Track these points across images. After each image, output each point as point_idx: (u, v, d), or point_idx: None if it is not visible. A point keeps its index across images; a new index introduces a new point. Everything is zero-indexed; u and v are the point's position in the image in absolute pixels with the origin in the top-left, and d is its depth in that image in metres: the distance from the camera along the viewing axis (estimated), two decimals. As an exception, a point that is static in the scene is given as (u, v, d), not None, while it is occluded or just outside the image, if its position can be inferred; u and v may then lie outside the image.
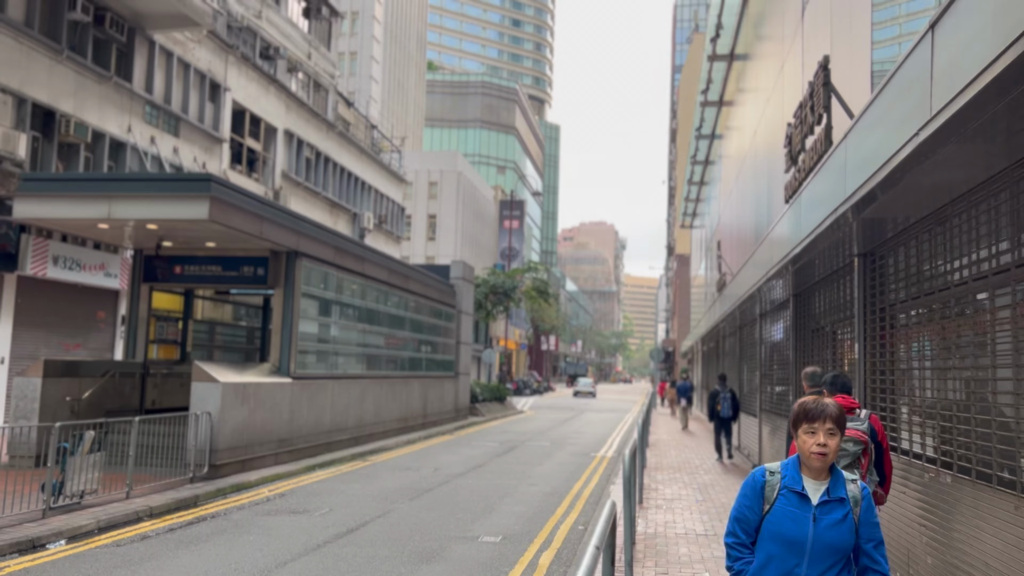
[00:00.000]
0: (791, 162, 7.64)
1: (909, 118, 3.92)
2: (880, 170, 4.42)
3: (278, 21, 27.86)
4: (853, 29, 7.02)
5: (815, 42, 8.97)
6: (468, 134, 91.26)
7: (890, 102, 4.24)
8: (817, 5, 9.20)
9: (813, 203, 6.53)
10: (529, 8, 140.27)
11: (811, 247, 6.91)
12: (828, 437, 2.81)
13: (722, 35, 19.51)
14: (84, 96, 18.06)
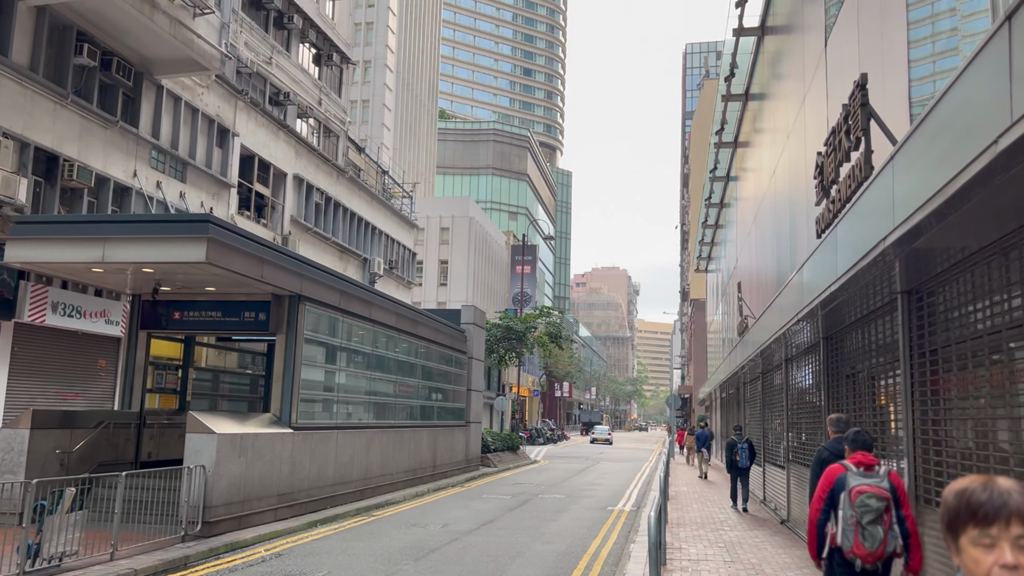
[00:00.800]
0: (823, 193, 7.07)
1: (980, 126, 3.35)
2: (941, 192, 3.83)
3: (288, 67, 27.83)
4: (886, 51, 6.51)
5: (841, 69, 8.47)
6: (480, 181, 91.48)
7: (955, 109, 3.66)
8: (843, 30, 8.72)
9: (851, 236, 5.94)
10: (540, 58, 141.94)
11: (849, 284, 6.29)
12: (1019, 552, 1.54)
13: (736, 74, 19.15)
14: (89, 141, 17.82)
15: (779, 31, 16.03)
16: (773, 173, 15.55)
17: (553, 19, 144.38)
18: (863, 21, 7.61)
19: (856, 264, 5.70)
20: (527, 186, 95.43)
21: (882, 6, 6.93)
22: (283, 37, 27.83)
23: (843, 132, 6.04)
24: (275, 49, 26.88)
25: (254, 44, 25.65)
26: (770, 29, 17.04)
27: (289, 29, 27.88)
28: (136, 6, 16.90)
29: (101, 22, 17.39)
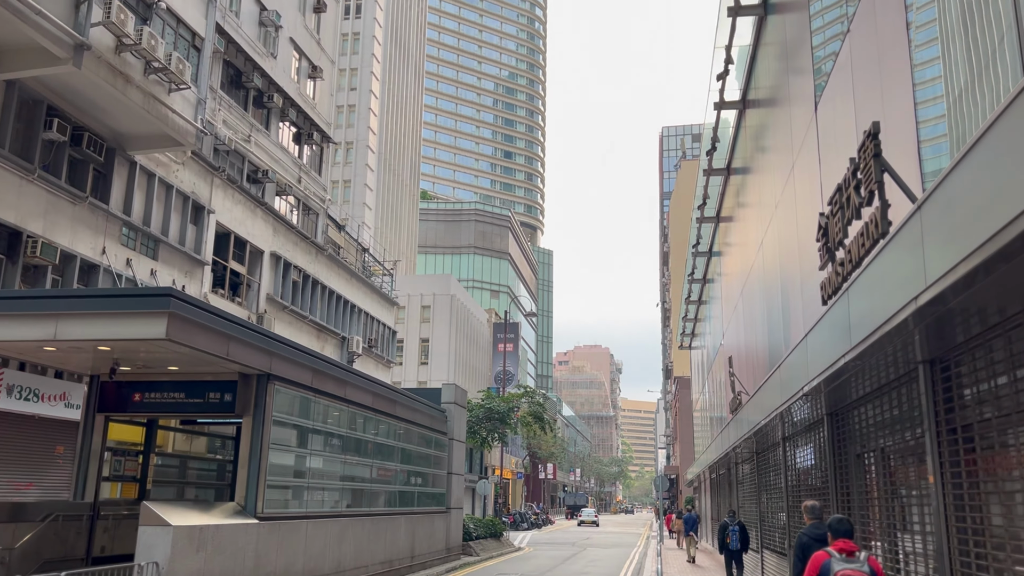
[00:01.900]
0: (828, 257, 6.55)
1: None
2: (995, 238, 3.28)
3: (268, 145, 27.62)
4: (888, 109, 6.11)
5: (835, 131, 8.10)
6: (462, 259, 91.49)
7: (1012, 138, 3.15)
8: (835, 91, 8.39)
9: (867, 300, 5.39)
10: (520, 141, 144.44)
11: (866, 355, 5.70)
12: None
13: (718, 148, 19.02)
14: (55, 217, 17.22)
15: (762, 104, 15.91)
16: (760, 246, 15.17)
17: (532, 104, 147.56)
18: (859, 79, 7.27)
19: (876, 331, 5.13)
20: (509, 265, 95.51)
21: (880, 60, 6.57)
22: (263, 115, 27.71)
23: (852, 188, 5.56)
24: (254, 127, 26.70)
25: (233, 122, 25.45)
26: (752, 103, 16.95)
27: (269, 108, 27.79)
28: (109, 81, 16.57)
29: (73, 97, 17.03)
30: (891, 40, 6.19)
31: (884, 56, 6.43)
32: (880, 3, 6.62)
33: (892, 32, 6.21)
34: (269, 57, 27.36)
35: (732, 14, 13.70)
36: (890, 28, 6.23)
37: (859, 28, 7.51)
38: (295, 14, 29.50)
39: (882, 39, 6.53)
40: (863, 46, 7.20)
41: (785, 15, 12.81)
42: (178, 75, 17.98)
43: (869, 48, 7.00)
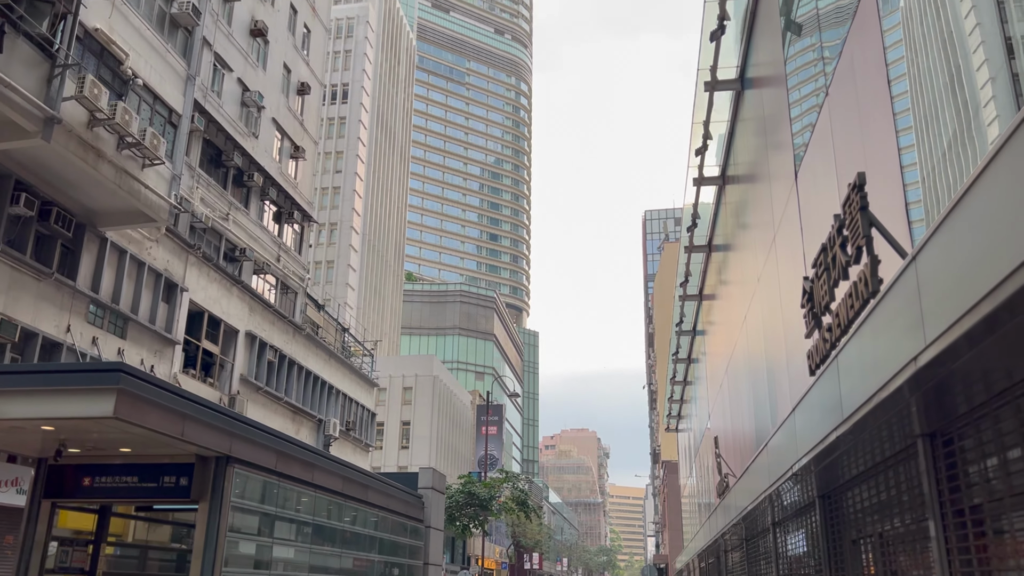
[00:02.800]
0: (814, 323, 6.12)
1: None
2: (1002, 287, 2.86)
3: (247, 223, 27.34)
4: (870, 156, 5.79)
5: (818, 193, 7.80)
6: (447, 341, 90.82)
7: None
8: (815, 155, 8.13)
9: (859, 366, 4.92)
10: (506, 223, 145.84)
11: (859, 428, 5.20)
12: None
13: (699, 224, 18.86)
14: (17, 294, 16.67)
15: (741, 180, 15.79)
16: (744, 321, 14.80)
17: (517, 188, 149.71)
18: (839, 139, 6.99)
19: (869, 400, 4.65)
20: (494, 346, 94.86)
21: (861, 118, 6.30)
22: (242, 194, 27.52)
23: (837, 246, 5.16)
24: (233, 205, 26.45)
25: (211, 200, 25.20)
26: (731, 178, 16.85)
27: (249, 186, 27.63)
28: (80, 155, 16.30)
29: (43, 171, 16.71)
30: (871, 97, 5.92)
31: (864, 113, 6.16)
32: (859, 62, 6.39)
33: (872, 89, 5.94)
34: (250, 137, 27.36)
35: (709, 89, 13.66)
36: (870, 85, 5.97)
37: (837, 90, 7.29)
38: (278, 95, 29.69)
39: (861, 97, 6.27)
40: (842, 107, 6.95)
41: (762, 90, 12.76)
42: (152, 150, 17.76)
43: (848, 109, 6.75)
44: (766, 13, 11.86)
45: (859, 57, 6.36)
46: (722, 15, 11.89)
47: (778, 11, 11.09)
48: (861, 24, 6.35)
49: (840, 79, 7.13)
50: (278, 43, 29.63)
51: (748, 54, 13.22)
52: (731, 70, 13.79)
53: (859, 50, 6.34)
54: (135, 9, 18.21)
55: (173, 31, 19.92)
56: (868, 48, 6.03)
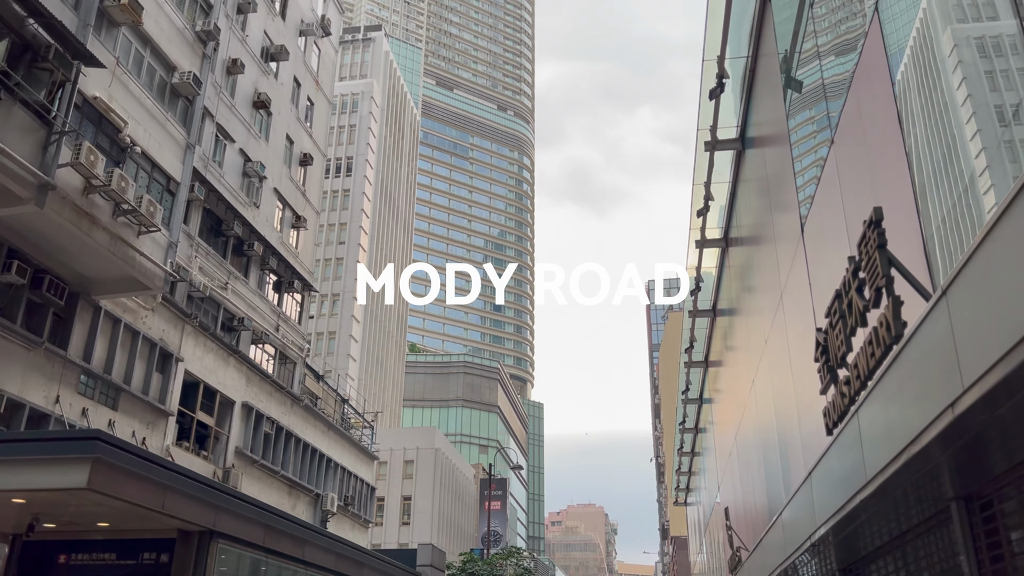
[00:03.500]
0: (830, 378, 5.67)
1: None
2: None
3: (245, 293, 27.06)
4: (882, 194, 5.45)
5: (826, 243, 7.44)
6: (450, 413, 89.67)
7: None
8: (822, 205, 7.81)
9: (884, 420, 4.47)
10: (509, 294, 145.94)
11: (884, 492, 4.71)
12: None
13: (702, 287, 18.50)
14: (6, 363, 16.25)
15: (745, 242, 15.51)
16: (752, 386, 14.29)
17: (521, 259, 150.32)
18: (847, 184, 6.66)
19: (897, 458, 4.18)
20: (498, 418, 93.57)
21: (870, 159, 5.97)
22: (242, 263, 27.32)
23: (853, 290, 4.77)
24: (232, 275, 26.22)
25: (210, 269, 24.98)
26: (735, 240, 16.58)
27: (249, 256, 27.45)
28: (74, 222, 16.11)
29: (36, 238, 16.50)
30: (881, 135, 5.61)
31: (874, 154, 5.84)
32: (866, 102, 6.11)
33: (882, 127, 5.63)
34: (251, 206, 27.33)
35: (709, 149, 13.48)
36: (879, 123, 5.66)
37: (843, 136, 7.00)
38: (280, 165, 29.81)
39: (870, 137, 5.97)
40: (849, 152, 6.65)
41: (764, 149, 12.57)
42: (148, 217, 17.58)
43: (856, 153, 6.45)
44: (765, 71, 11.74)
45: (866, 97, 6.08)
46: (721, 73, 11.78)
47: (778, 68, 10.94)
48: (867, 63, 6.09)
49: (846, 123, 6.85)
50: (281, 115, 29.89)
51: (748, 113, 13.08)
52: (731, 130, 13.64)
53: (866, 90, 6.07)
54: (136, 79, 18.31)
55: (174, 100, 20.01)
56: (876, 86, 5.76)
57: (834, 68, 7.94)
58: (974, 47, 4.38)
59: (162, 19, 19.41)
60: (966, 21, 4.62)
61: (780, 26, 10.66)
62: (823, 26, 8.66)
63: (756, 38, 11.49)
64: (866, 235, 4.46)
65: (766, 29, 11.11)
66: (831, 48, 8.22)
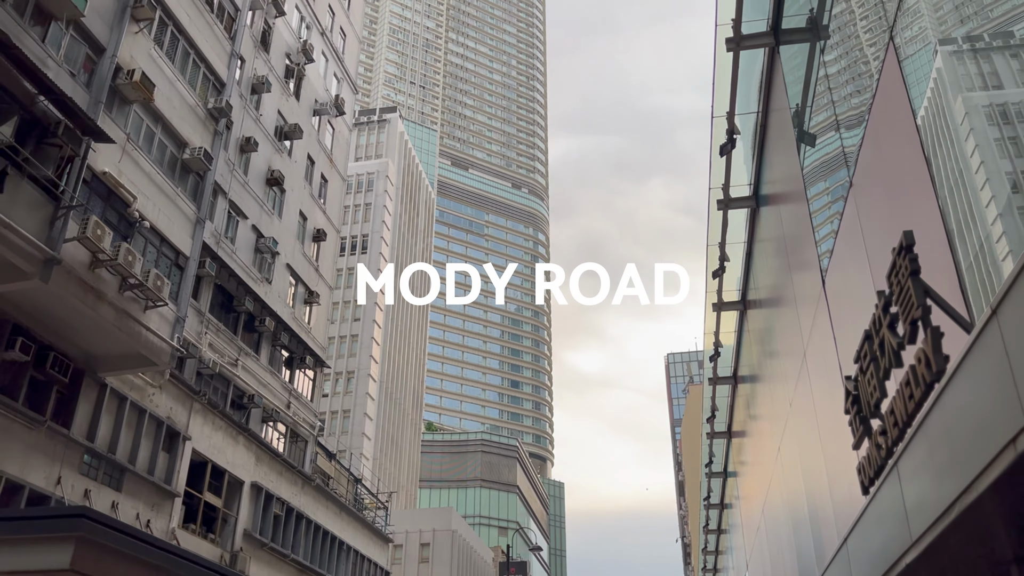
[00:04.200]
0: (863, 430, 5.14)
1: None
2: None
3: (256, 369, 26.69)
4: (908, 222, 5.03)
5: (850, 289, 6.98)
6: (468, 494, 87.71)
7: None
8: (843, 253, 7.38)
9: (929, 470, 3.93)
10: (527, 370, 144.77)
11: (933, 551, 4.14)
12: None
13: (722, 352, 17.95)
14: (6, 442, 15.83)
15: (763, 304, 15.07)
16: (778, 454, 13.61)
17: (538, 334, 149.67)
18: (868, 225, 6.25)
19: (947, 512, 3.63)
20: (517, 499, 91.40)
21: (892, 195, 5.58)
22: (253, 339, 27.03)
23: (885, 327, 4.30)
24: (243, 351, 25.90)
25: (220, 346, 24.69)
26: (753, 303, 16.13)
27: (260, 332, 27.18)
28: (79, 297, 15.91)
29: (39, 313, 16.29)
30: (903, 165, 5.22)
31: (896, 186, 5.44)
32: (885, 134, 5.75)
33: (904, 155, 5.25)
34: (263, 282, 27.21)
35: (722, 207, 13.17)
36: (900, 153, 5.29)
37: (863, 174, 6.63)
38: (293, 242, 29.83)
39: (890, 169, 5.58)
40: (869, 189, 6.27)
41: (779, 206, 12.25)
42: (155, 292, 17.39)
43: (876, 188, 6.06)
44: (777, 126, 11.49)
45: (884, 129, 5.73)
46: (731, 129, 11.55)
47: (790, 123, 10.67)
48: (884, 99, 5.76)
49: (865, 162, 6.49)
50: (294, 191, 30.08)
51: (761, 170, 12.81)
52: (744, 188, 13.35)
53: (883, 121, 5.72)
54: (146, 154, 18.40)
55: (184, 175, 20.09)
56: (895, 115, 5.41)
57: (849, 113, 7.64)
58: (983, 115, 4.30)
59: (174, 96, 19.65)
60: (974, 89, 4.55)
61: (790, 79, 10.46)
62: (836, 76, 8.41)
63: (766, 93, 11.30)
64: (896, 264, 4.02)
65: (775, 83, 10.91)
66: (845, 95, 7.95)
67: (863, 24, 7.42)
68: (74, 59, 16.45)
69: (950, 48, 4.82)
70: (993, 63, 4.45)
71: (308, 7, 31.97)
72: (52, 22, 15.76)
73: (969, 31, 4.69)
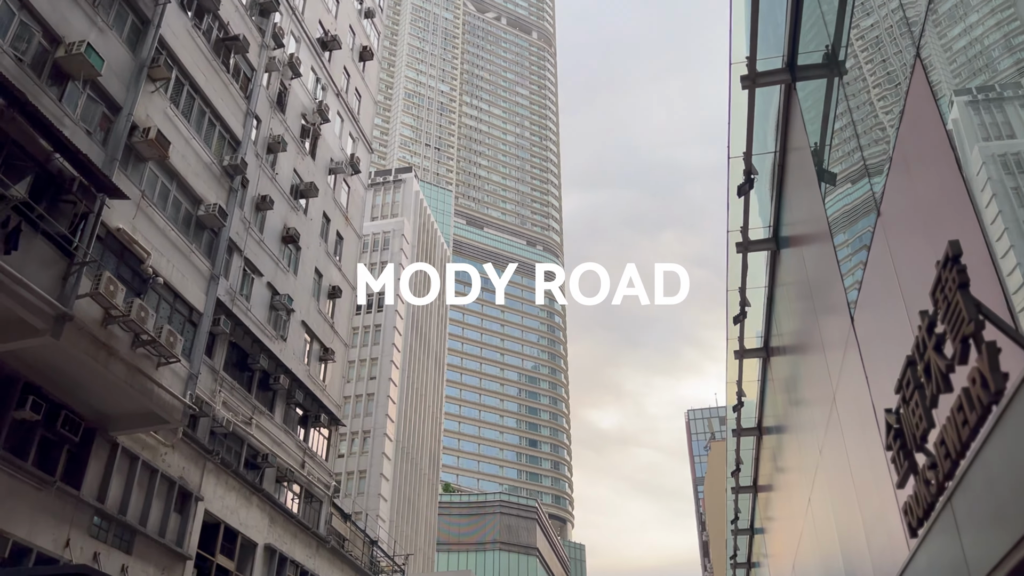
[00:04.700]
0: (908, 466, 4.76)
1: None
2: None
3: (270, 428, 26.32)
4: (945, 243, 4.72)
5: (882, 321, 6.64)
6: (487, 557, 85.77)
7: None
8: (872, 285, 7.06)
9: (991, 504, 3.56)
10: (545, 429, 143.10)
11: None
12: None
13: (745, 402, 17.45)
14: (14, 504, 15.51)
15: (788, 351, 14.65)
16: (808, 505, 13.05)
17: (555, 392, 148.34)
18: (899, 250, 5.95)
19: (1017, 547, 3.26)
20: (537, 562, 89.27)
21: (926, 219, 5.29)
22: (267, 398, 26.73)
23: (930, 349, 3.97)
24: (257, 409, 25.58)
25: (234, 404, 24.40)
26: (776, 350, 15.69)
27: (275, 389, 26.89)
28: (91, 354, 15.74)
29: (50, 371, 16.12)
30: (936, 177, 4.95)
31: (931, 208, 5.16)
32: (912, 150, 5.49)
33: (937, 178, 4.98)
34: (278, 340, 27.03)
35: (741, 250, 12.88)
36: (933, 168, 5.02)
37: (890, 202, 6.35)
38: (308, 299, 29.73)
39: (921, 189, 5.31)
40: (898, 210, 5.98)
41: (802, 247, 11.94)
42: (168, 348, 17.21)
43: (907, 210, 5.77)
44: (796, 165, 11.27)
45: (913, 153, 5.48)
46: (748, 169, 11.34)
47: (810, 161, 10.41)
48: (913, 115, 5.52)
49: (893, 188, 6.22)
50: (310, 249, 30.12)
51: (780, 211, 12.55)
52: (763, 230, 13.08)
53: (912, 146, 5.47)
54: (160, 211, 18.44)
55: (199, 232, 20.11)
56: (924, 138, 5.16)
57: (873, 148, 7.39)
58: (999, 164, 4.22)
59: (189, 154, 19.79)
60: (990, 139, 4.48)
61: (808, 117, 10.27)
62: (858, 109, 8.20)
63: (783, 131, 11.11)
64: (942, 278, 3.72)
65: (793, 121, 10.73)
66: (868, 127, 7.73)
67: (884, 52, 7.23)
68: (91, 117, 16.61)
69: (965, 99, 4.78)
70: (1006, 113, 4.42)
71: (324, 69, 32.49)
72: (69, 81, 15.96)
73: (984, 81, 4.65)
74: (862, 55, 8.25)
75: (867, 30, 8.00)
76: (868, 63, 7.98)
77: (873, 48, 7.88)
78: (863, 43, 8.26)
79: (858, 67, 8.29)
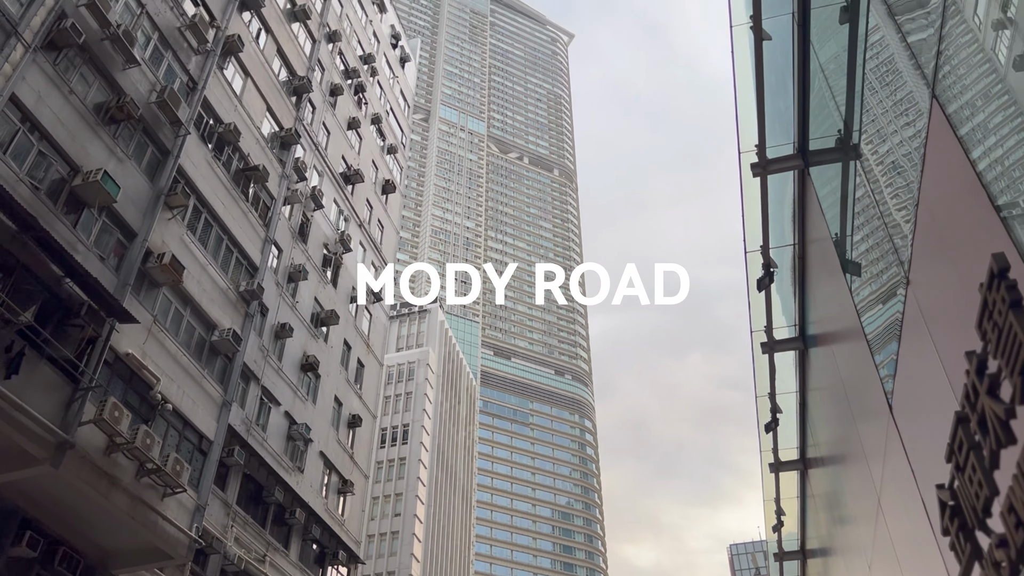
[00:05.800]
0: (970, 549, 3.95)
1: None
2: None
3: (285, 566, 24.97)
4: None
5: (923, 401, 5.92)
6: None
7: None
8: (909, 360, 6.38)
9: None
10: (581, 568, 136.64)
11: None
12: None
13: (784, 521, 16.19)
14: (3, 649, 14.46)
15: (826, 462, 13.65)
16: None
17: (590, 528, 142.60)
18: (928, 299, 5.33)
19: None
20: None
21: (951, 256, 4.71)
22: (283, 533, 25.55)
23: (984, 395, 3.30)
24: (271, 546, 24.38)
25: (247, 540, 23.27)
26: (814, 461, 14.66)
27: (291, 524, 25.74)
28: (92, 483, 15.08)
29: (50, 504, 15.41)
30: (968, 222, 4.40)
31: (963, 255, 4.58)
32: (935, 196, 4.98)
33: (968, 214, 4.44)
34: (295, 471, 26.13)
35: (767, 350, 12.17)
36: (963, 219, 4.48)
37: (920, 260, 5.78)
38: (327, 428, 28.98)
39: (951, 232, 4.75)
40: (929, 271, 5.40)
41: (832, 346, 11.24)
42: (174, 477, 16.51)
43: (937, 264, 5.19)
44: (818, 257, 10.74)
45: (933, 191, 4.96)
46: (767, 263, 10.83)
47: (833, 252, 9.84)
48: (935, 154, 5.04)
49: (920, 248, 5.66)
50: (330, 376, 29.64)
51: (805, 307, 11.94)
52: (788, 329, 12.41)
53: (933, 184, 4.96)
54: (172, 336, 18.19)
55: (212, 357, 19.77)
56: (946, 163, 4.65)
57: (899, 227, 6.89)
58: None
59: (204, 280, 19.74)
60: None
61: (827, 203, 9.83)
62: (877, 181, 7.77)
63: (800, 220, 10.67)
64: (989, 301, 3.11)
65: (810, 208, 10.30)
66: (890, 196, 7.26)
67: (898, 123, 6.85)
68: (105, 243, 16.67)
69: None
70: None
71: (347, 200, 33.09)
72: (85, 208, 16.10)
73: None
74: (874, 134, 7.90)
75: (877, 109, 7.68)
76: (882, 142, 7.60)
77: (885, 123, 7.52)
78: (875, 125, 7.93)
79: (873, 148, 7.92)
